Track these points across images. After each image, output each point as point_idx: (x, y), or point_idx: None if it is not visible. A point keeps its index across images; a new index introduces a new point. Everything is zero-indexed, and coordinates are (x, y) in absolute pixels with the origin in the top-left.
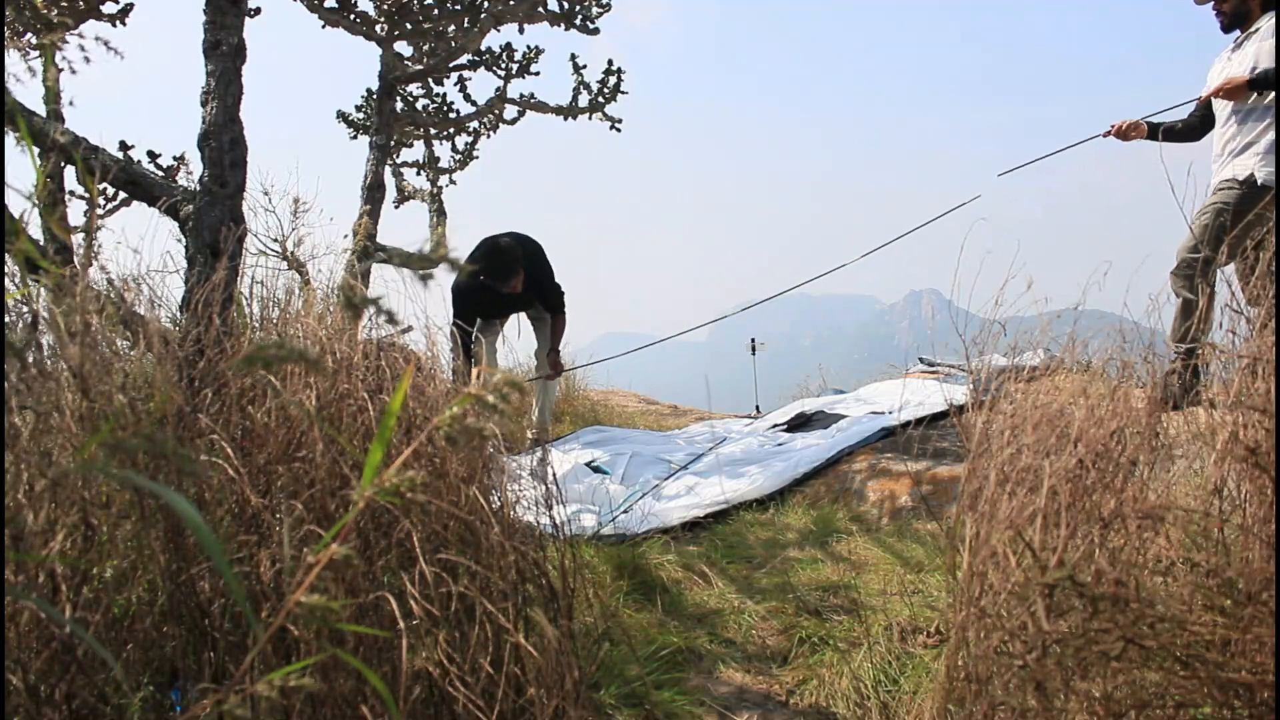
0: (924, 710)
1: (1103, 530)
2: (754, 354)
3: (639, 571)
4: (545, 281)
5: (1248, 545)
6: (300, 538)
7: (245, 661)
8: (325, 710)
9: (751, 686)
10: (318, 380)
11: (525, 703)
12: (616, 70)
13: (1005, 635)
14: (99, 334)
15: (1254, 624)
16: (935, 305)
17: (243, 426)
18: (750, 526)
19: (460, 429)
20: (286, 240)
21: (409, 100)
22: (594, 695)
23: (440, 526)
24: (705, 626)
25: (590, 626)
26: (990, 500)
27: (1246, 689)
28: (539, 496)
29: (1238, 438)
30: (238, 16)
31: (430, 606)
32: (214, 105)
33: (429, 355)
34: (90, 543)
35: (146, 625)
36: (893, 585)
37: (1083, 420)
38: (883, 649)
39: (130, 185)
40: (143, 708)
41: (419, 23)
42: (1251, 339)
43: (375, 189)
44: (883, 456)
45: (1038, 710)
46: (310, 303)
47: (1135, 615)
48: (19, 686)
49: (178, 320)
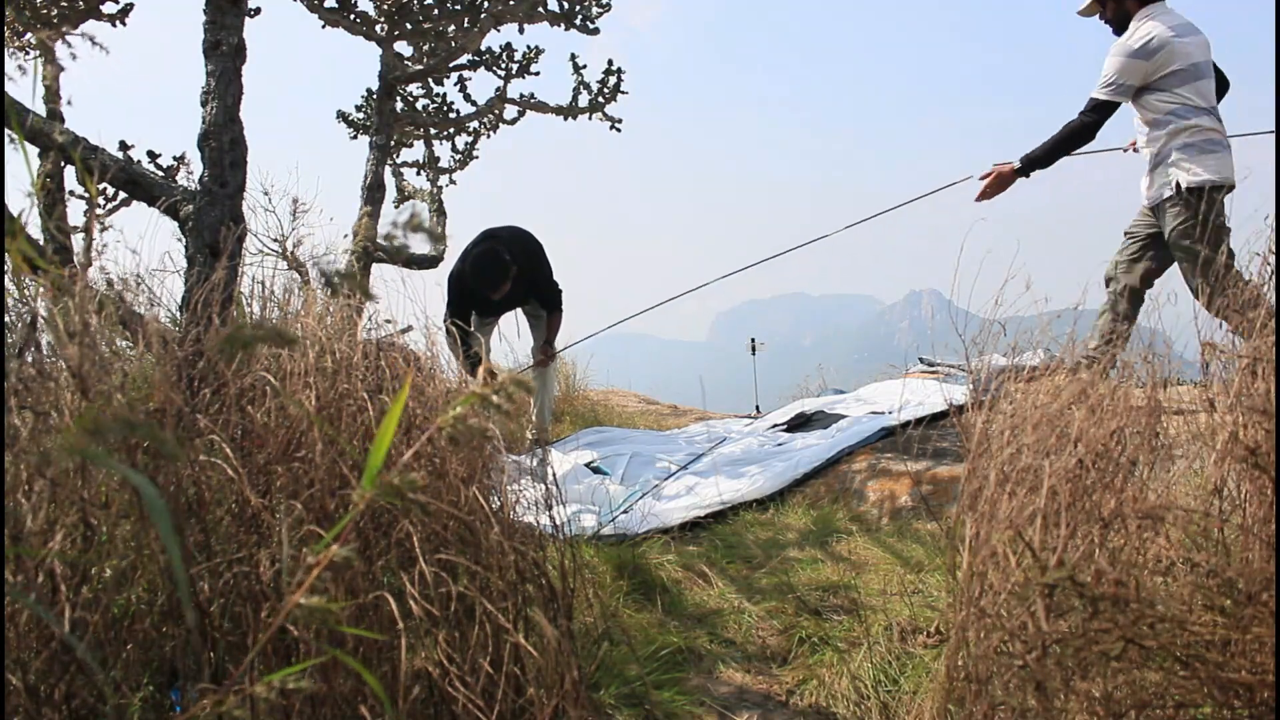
0: (924, 710)
1: (1103, 530)
2: (754, 354)
3: (639, 571)
4: (543, 280)
5: (1248, 545)
6: (300, 538)
7: (245, 661)
8: (325, 710)
9: (751, 686)
10: (317, 380)
11: (525, 703)
12: (616, 70)
13: (1005, 635)
14: (98, 334)
15: (1254, 624)
16: (935, 305)
17: (242, 426)
18: (750, 526)
19: (463, 429)
20: (286, 240)
21: (409, 100)
22: (594, 695)
23: (440, 527)
24: (705, 626)
25: (590, 626)
26: (990, 500)
27: (1246, 689)
28: (539, 496)
29: (1238, 438)
30: (238, 16)
31: (430, 607)
32: (214, 105)
33: (429, 355)
34: (89, 543)
35: (146, 625)
36: (893, 585)
37: (1083, 420)
38: (883, 649)
39: (130, 185)
40: (143, 708)
41: (419, 23)
42: (1251, 339)
43: (375, 189)
44: (883, 456)
45: (1038, 710)
46: (310, 303)
47: (1135, 615)
48: (19, 686)
49: (177, 320)
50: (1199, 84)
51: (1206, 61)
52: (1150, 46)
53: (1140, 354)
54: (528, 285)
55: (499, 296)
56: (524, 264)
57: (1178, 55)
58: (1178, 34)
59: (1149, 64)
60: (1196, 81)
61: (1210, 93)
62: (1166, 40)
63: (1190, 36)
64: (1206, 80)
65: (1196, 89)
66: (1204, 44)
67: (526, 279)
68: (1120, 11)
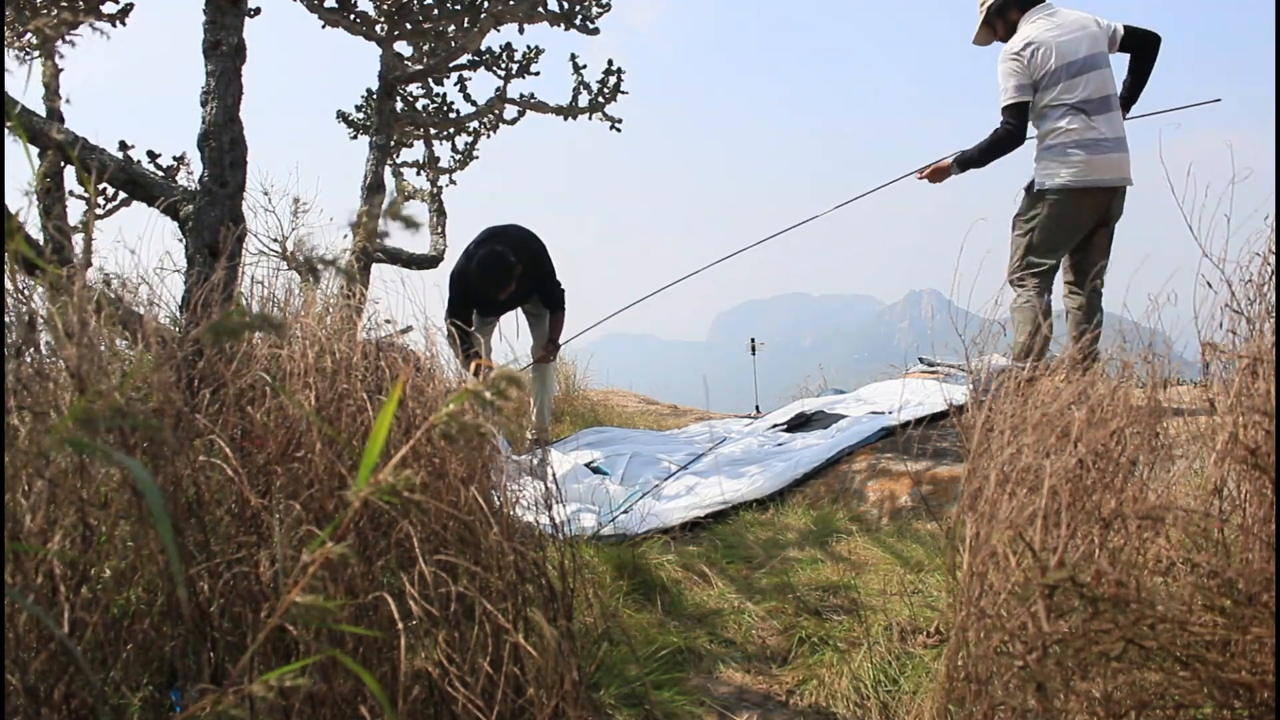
0: (924, 710)
1: (1103, 530)
2: (754, 354)
3: (639, 571)
4: (546, 279)
5: (1248, 545)
6: (299, 538)
7: (242, 661)
8: (324, 710)
9: (751, 686)
10: (317, 380)
11: (525, 703)
12: (616, 70)
13: (1005, 635)
14: (97, 334)
15: (1254, 624)
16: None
17: (242, 427)
18: (750, 526)
19: (458, 426)
20: (286, 240)
21: (409, 100)
22: (594, 695)
23: (439, 527)
24: (705, 626)
25: (590, 626)
26: (990, 500)
27: (1246, 689)
28: (539, 496)
29: (1238, 438)
30: (238, 16)
31: (429, 607)
32: (214, 105)
33: (428, 355)
34: (89, 543)
35: (145, 625)
36: (893, 585)
37: (1083, 420)
38: (883, 649)
39: (130, 185)
40: (142, 708)
41: (419, 23)
42: (1251, 339)
43: (375, 189)
44: (883, 456)
45: (1038, 711)
46: (310, 303)
47: (1135, 616)
48: (18, 686)
49: (177, 320)
50: (1074, 81)
51: (1093, 55)
52: (1024, 50)
53: (1140, 354)
54: (531, 284)
55: (504, 297)
56: (528, 263)
57: (1053, 55)
58: (1056, 34)
59: (1027, 66)
60: (1073, 79)
61: (1095, 86)
62: (1042, 42)
63: (1071, 34)
64: (1089, 74)
65: (1071, 86)
66: (1092, 37)
67: (530, 278)
68: (1010, 27)
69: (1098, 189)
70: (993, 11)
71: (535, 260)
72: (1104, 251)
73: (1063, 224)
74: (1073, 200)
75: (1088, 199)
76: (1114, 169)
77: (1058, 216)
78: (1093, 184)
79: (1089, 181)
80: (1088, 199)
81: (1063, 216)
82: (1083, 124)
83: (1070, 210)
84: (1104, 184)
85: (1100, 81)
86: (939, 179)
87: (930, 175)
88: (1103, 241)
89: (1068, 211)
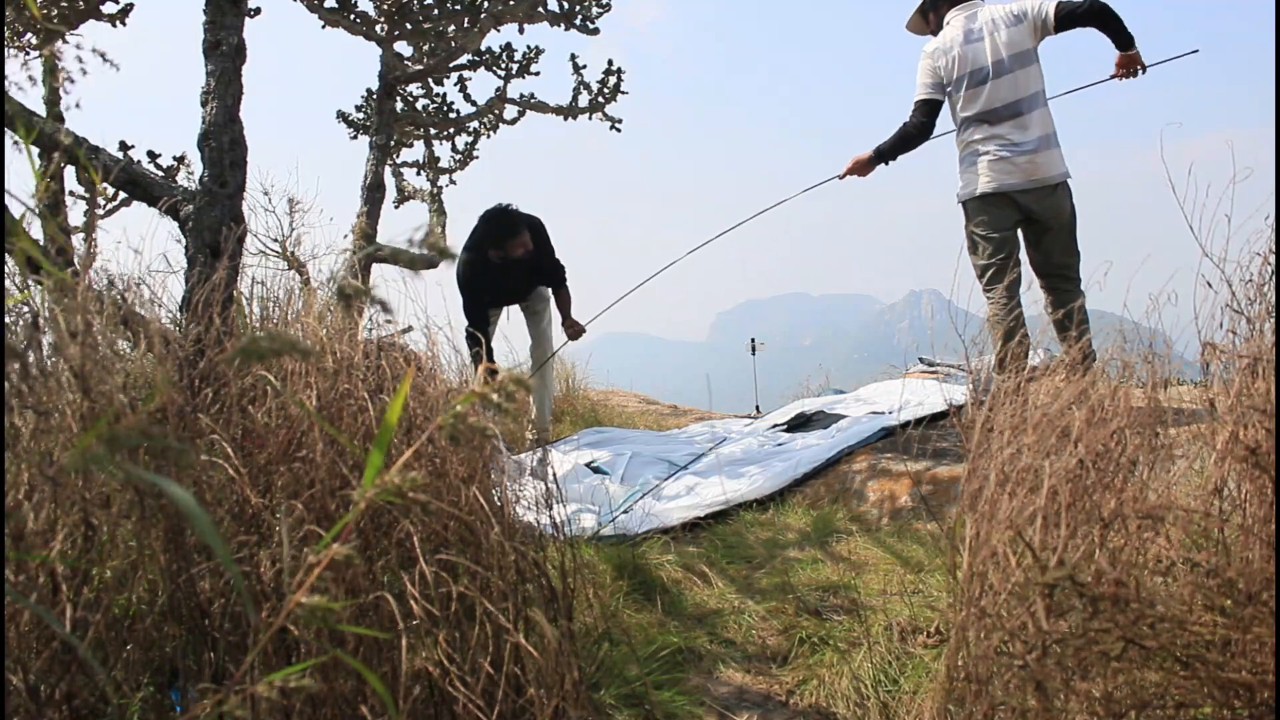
0: (924, 710)
1: (1103, 530)
2: (754, 354)
3: (639, 572)
4: (546, 257)
5: (1248, 545)
6: (300, 538)
7: (246, 661)
8: (325, 710)
9: (751, 686)
10: (318, 380)
11: (525, 703)
12: (616, 70)
13: (1005, 635)
14: (100, 334)
15: (1254, 624)
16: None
17: (243, 426)
18: (750, 526)
19: (463, 427)
20: (286, 240)
21: (409, 100)
22: (594, 695)
23: (440, 526)
24: (705, 626)
25: (590, 626)
26: (990, 500)
27: (1246, 689)
28: (539, 496)
29: (1238, 438)
30: (238, 16)
31: (430, 607)
32: (214, 105)
33: (429, 355)
34: (91, 543)
35: (146, 625)
36: (893, 585)
37: (1083, 420)
38: (883, 649)
39: (130, 185)
40: (143, 708)
41: (419, 23)
42: (1251, 339)
43: (375, 189)
44: (883, 456)
45: (1038, 710)
46: (310, 303)
47: (1135, 615)
48: (19, 686)
49: (178, 320)
50: (976, 90)
51: (999, 60)
52: (935, 54)
53: (1141, 354)
54: (535, 262)
55: (521, 248)
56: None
57: (956, 64)
58: (967, 39)
59: (938, 67)
60: (975, 88)
61: (1002, 93)
62: (949, 48)
63: (978, 42)
64: (993, 82)
65: (973, 97)
66: (1008, 41)
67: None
68: (940, 21)
69: (1010, 193)
70: (927, 3)
71: (536, 231)
72: (1066, 250)
73: (988, 229)
74: (986, 206)
75: (1003, 202)
76: (1025, 172)
77: (981, 223)
78: (1001, 190)
79: (995, 188)
80: (1003, 202)
81: (984, 223)
82: (985, 133)
83: (989, 216)
84: (1014, 188)
85: (1010, 86)
86: (866, 171)
87: (854, 169)
88: (1057, 241)
89: (986, 218)
